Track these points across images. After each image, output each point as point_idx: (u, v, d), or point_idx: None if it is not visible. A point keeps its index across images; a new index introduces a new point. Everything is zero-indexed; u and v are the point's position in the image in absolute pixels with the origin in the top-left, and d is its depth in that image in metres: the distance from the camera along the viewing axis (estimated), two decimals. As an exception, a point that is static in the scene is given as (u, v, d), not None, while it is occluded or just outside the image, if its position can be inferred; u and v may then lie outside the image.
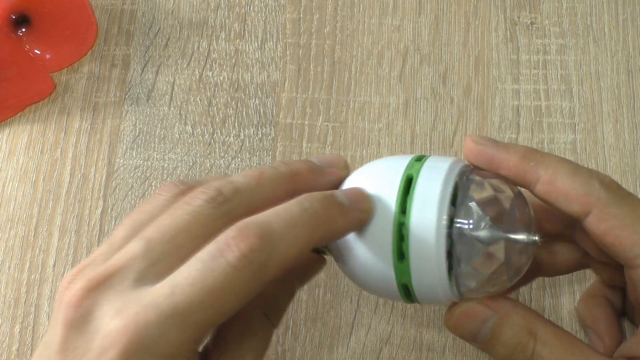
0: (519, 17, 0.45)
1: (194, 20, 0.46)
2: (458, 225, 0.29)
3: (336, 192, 0.30)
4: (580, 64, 0.44)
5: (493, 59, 0.44)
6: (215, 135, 0.43)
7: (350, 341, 0.39)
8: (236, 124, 0.43)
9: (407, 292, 0.31)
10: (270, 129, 0.43)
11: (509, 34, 0.45)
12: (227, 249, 0.26)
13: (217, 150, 0.43)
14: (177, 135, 0.43)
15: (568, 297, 0.39)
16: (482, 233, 0.30)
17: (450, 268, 0.30)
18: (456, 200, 0.30)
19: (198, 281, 0.26)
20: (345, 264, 0.31)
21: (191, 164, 0.42)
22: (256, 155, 0.42)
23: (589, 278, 0.39)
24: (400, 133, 0.43)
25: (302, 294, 0.39)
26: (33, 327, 0.39)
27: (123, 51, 0.45)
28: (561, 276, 0.39)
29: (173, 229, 0.28)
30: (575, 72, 0.44)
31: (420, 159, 0.31)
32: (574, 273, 0.39)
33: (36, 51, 0.44)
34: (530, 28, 0.45)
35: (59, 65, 0.45)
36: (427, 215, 0.29)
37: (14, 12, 0.44)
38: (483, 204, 0.30)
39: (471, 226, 0.29)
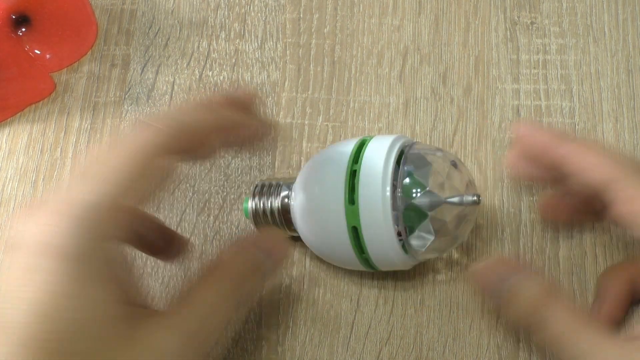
0: (519, 17, 0.45)
1: (194, 20, 0.46)
2: (401, 194, 0.34)
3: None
4: (580, 63, 0.44)
5: (493, 59, 0.44)
6: (215, 135, 0.43)
7: (350, 341, 0.38)
8: (236, 123, 0.43)
9: (365, 261, 0.35)
10: (270, 129, 0.43)
11: (509, 33, 0.45)
12: (133, 127, 0.30)
13: (217, 150, 0.43)
14: (177, 135, 0.43)
15: (568, 297, 0.39)
16: (424, 199, 0.34)
17: (400, 233, 0.34)
18: (399, 171, 0.34)
19: (115, 149, 0.29)
20: (303, 213, 0.36)
21: (191, 163, 0.42)
22: (256, 155, 0.42)
23: (589, 279, 0.39)
24: (400, 133, 0.43)
25: (302, 293, 0.39)
26: (33, 327, 0.39)
27: (123, 51, 0.45)
28: (561, 276, 0.39)
29: None
30: (575, 71, 0.44)
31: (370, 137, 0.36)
32: (575, 271, 0.39)
33: (36, 51, 0.44)
34: (530, 28, 0.45)
35: (59, 65, 0.45)
36: (373, 190, 0.34)
37: (14, 12, 0.44)
38: (423, 173, 0.35)
39: (414, 194, 0.34)
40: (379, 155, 0.34)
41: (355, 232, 0.34)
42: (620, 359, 0.31)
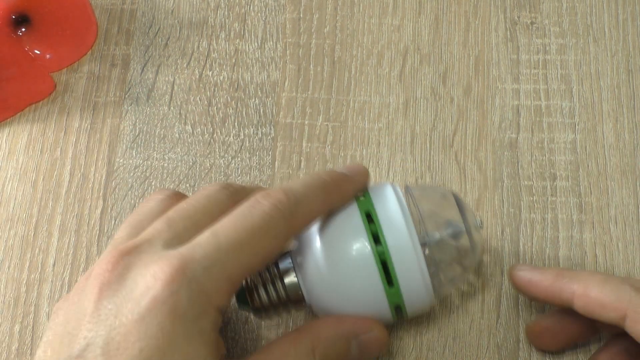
0: (519, 17, 0.45)
1: (194, 20, 0.46)
2: (428, 237, 0.34)
3: (337, 168, 0.36)
4: (580, 63, 0.44)
5: (493, 59, 0.44)
6: (215, 135, 0.43)
7: (350, 341, 0.38)
8: (236, 123, 0.43)
9: (399, 312, 0.34)
10: (270, 129, 0.43)
11: (509, 33, 0.45)
12: (259, 201, 0.30)
13: (217, 149, 0.43)
14: (177, 135, 0.43)
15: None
16: (449, 233, 0.34)
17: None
18: (413, 216, 0.33)
19: (239, 224, 0.30)
20: (329, 302, 0.34)
21: (191, 163, 0.42)
22: (256, 155, 0.42)
23: (589, 278, 0.39)
24: (400, 133, 0.43)
25: (302, 293, 0.39)
26: (33, 327, 0.39)
27: (123, 51, 0.45)
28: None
29: (191, 210, 0.31)
30: (575, 71, 0.44)
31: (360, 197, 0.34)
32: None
33: (36, 51, 0.44)
34: (530, 28, 0.45)
35: (59, 65, 0.45)
36: (401, 240, 0.32)
37: (14, 12, 0.44)
38: (439, 210, 0.34)
39: (439, 234, 0.34)
40: (393, 211, 0.33)
41: (398, 310, 0.34)
42: None
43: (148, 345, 0.27)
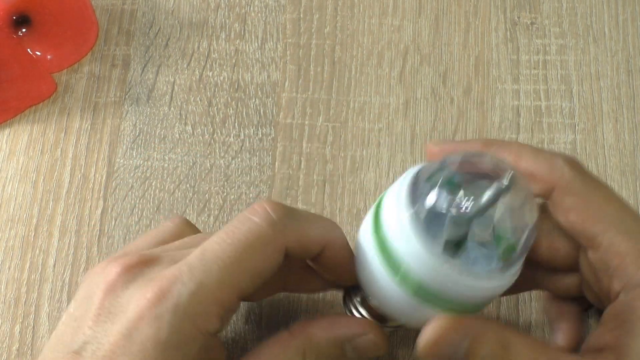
0: (519, 17, 0.45)
1: (194, 20, 0.46)
2: (448, 214, 0.28)
3: None
4: (580, 64, 0.44)
5: (493, 59, 0.44)
6: (215, 135, 0.43)
7: (350, 341, 0.38)
8: (236, 124, 0.43)
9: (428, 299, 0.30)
10: (270, 129, 0.43)
11: (509, 34, 0.45)
12: (252, 211, 0.29)
13: (217, 150, 0.43)
14: (177, 135, 0.43)
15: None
16: (475, 205, 0.28)
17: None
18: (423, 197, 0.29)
19: (226, 239, 0.28)
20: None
21: (191, 164, 0.42)
22: (256, 156, 0.42)
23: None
24: (400, 133, 0.43)
25: (303, 293, 0.39)
26: (33, 327, 0.39)
27: (123, 51, 0.45)
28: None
29: (205, 237, 0.30)
30: (575, 72, 0.44)
31: None
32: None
33: (37, 52, 0.44)
34: (530, 28, 0.45)
35: (60, 66, 0.45)
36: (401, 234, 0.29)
37: (15, 12, 0.44)
38: (450, 187, 0.28)
39: (455, 210, 0.28)
40: (392, 198, 0.30)
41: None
42: None
43: None
